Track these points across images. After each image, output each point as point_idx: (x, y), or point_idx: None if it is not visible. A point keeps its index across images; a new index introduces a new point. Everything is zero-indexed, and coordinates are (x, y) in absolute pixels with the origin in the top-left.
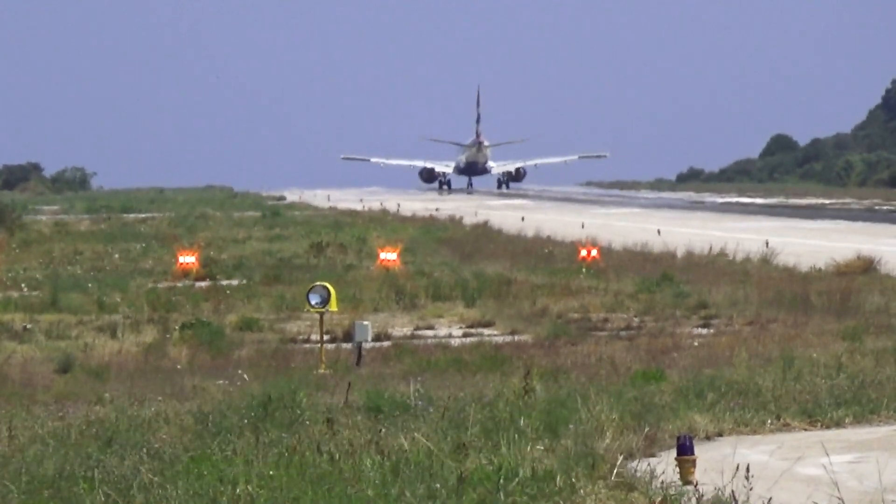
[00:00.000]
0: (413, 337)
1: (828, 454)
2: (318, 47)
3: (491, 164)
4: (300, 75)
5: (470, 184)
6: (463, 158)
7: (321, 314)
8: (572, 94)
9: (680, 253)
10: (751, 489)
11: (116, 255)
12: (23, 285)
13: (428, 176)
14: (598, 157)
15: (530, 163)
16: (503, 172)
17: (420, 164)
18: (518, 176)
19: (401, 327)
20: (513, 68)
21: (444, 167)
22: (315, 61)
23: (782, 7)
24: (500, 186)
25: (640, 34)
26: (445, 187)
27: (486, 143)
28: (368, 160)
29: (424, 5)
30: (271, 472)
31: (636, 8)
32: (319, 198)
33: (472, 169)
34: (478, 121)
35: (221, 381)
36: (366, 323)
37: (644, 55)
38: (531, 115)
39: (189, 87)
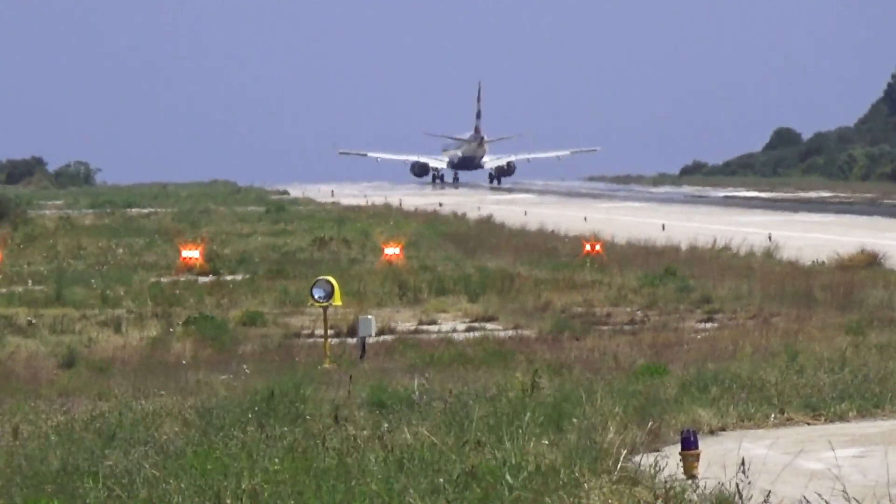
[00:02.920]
0: (417, 331)
1: (832, 448)
2: (318, 44)
3: (485, 158)
4: (301, 71)
5: (456, 178)
6: (459, 153)
7: (325, 308)
8: (573, 88)
9: (683, 247)
10: (750, 483)
11: (120, 250)
12: (28, 280)
13: (420, 170)
14: (591, 151)
15: (522, 157)
16: (495, 167)
17: (415, 158)
18: (509, 170)
19: (404, 322)
20: (510, 61)
21: (439, 162)
22: (314, 58)
23: (785, 0)
24: (492, 181)
25: (642, 27)
26: (438, 181)
27: (486, 138)
28: (365, 155)
29: (418, 2)
30: (275, 467)
31: (639, 1)
32: (323, 193)
33: (468, 163)
34: (478, 116)
35: (225, 376)
36: (370, 317)
37: (647, 49)
38: (530, 110)
39: (192, 84)
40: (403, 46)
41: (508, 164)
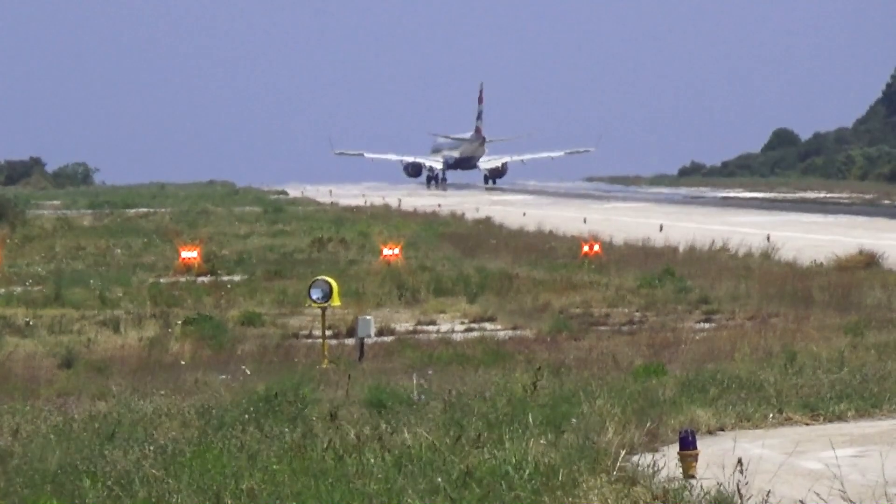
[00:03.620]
0: (415, 332)
1: (831, 448)
2: (317, 44)
3: (481, 159)
4: (300, 71)
5: (444, 178)
6: (455, 153)
7: (323, 309)
8: (572, 88)
9: (681, 247)
10: (748, 483)
11: (118, 251)
12: (27, 281)
13: (414, 171)
14: (585, 151)
15: (517, 158)
16: (489, 168)
17: (410, 158)
18: (503, 171)
19: (403, 322)
20: (509, 61)
21: (435, 162)
22: (314, 57)
23: (784, 0)
24: (486, 182)
25: (641, 28)
26: (434, 182)
27: (487, 139)
28: (362, 155)
29: (419, 2)
30: (275, 467)
31: (637, 1)
32: (321, 193)
33: (465, 164)
34: (479, 116)
35: (224, 376)
36: (368, 318)
37: (647, 49)
38: (529, 110)
39: (190, 84)
40: (403, 46)
41: (503, 164)
